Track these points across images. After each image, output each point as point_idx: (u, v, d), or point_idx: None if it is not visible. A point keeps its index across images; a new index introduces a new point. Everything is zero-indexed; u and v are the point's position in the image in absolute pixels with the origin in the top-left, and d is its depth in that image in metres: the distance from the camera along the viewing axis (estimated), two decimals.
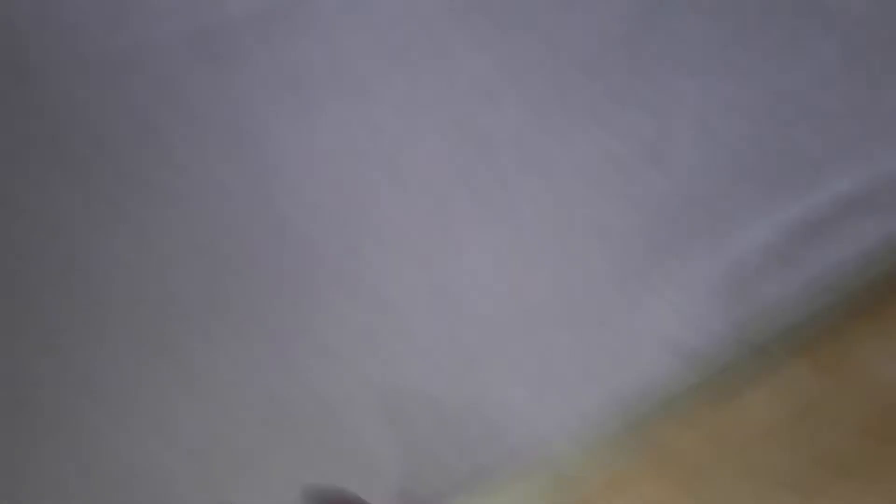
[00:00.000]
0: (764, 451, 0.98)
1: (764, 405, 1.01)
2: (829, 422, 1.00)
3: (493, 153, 1.27)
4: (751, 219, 1.19)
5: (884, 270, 1.14)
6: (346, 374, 1.02)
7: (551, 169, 1.25)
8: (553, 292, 1.12)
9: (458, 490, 0.98)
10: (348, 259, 1.13)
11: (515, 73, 1.37)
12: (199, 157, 1.22)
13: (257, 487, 0.98)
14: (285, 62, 1.35)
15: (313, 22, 1.42)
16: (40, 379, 1.00)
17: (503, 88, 1.35)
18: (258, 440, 1.00)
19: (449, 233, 1.18)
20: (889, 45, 1.40)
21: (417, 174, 1.24)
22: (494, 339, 1.07)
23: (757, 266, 1.14)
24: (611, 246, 1.17)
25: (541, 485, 0.99)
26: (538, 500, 0.98)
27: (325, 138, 1.26)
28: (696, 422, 1.00)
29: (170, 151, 1.23)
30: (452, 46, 1.40)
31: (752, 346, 1.06)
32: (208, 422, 0.99)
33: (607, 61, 1.38)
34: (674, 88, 1.34)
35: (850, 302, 1.11)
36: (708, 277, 1.13)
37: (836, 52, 1.40)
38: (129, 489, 0.96)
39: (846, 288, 1.12)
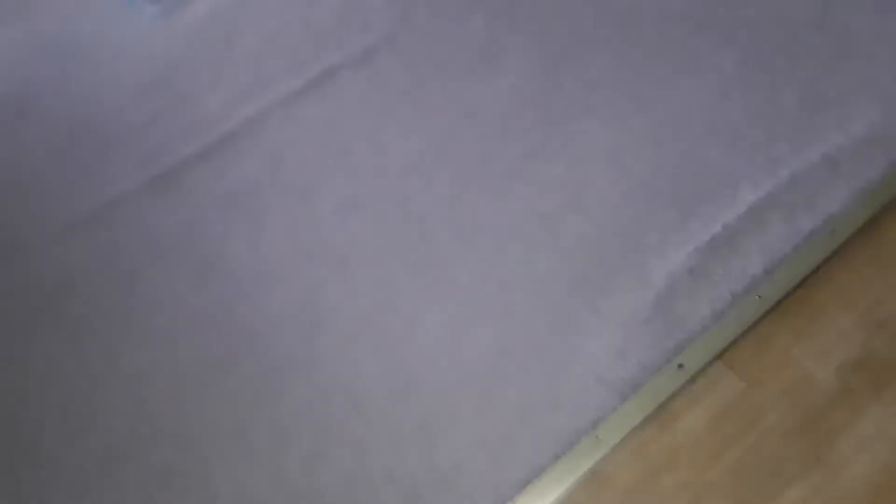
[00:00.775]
0: (701, 468, 1.05)
1: (698, 423, 1.09)
2: (762, 430, 1.07)
3: (429, 229, 1.39)
4: (671, 245, 1.27)
5: (797, 270, 1.20)
6: (319, 467, 1.14)
7: (483, 234, 1.36)
8: (495, 350, 1.22)
9: None
10: (310, 359, 1.26)
11: (441, 149, 1.49)
12: (171, 289, 1.38)
13: None
14: (234, 183, 1.51)
15: (256, 142, 1.57)
16: None
17: (432, 166, 1.47)
18: None
19: (395, 313, 1.29)
20: (785, 47, 1.47)
21: (361, 262, 1.36)
22: (448, 407, 1.18)
23: (678, 289, 1.22)
24: (544, 296, 1.26)
25: None
26: None
27: (276, 245, 1.41)
28: (634, 448, 1.08)
29: (146, 290, 1.39)
30: (384, 136, 1.54)
31: (681, 367, 1.14)
32: None
33: (522, 121, 1.49)
34: (586, 134, 1.44)
35: (769, 307, 1.18)
36: (635, 309, 1.21)
37: (735, 63, 1.47)
38: None
39: (764, 293, 1.19)
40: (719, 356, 1.15)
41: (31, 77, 1.85)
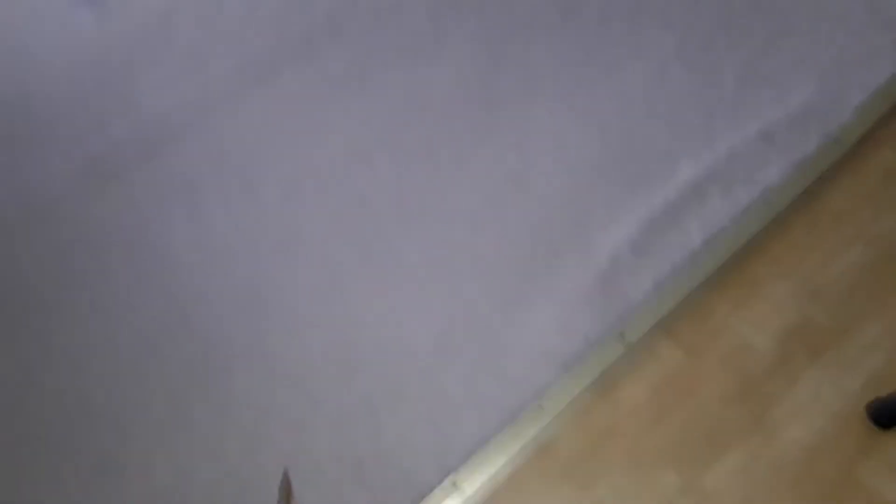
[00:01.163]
0: (642, 435, 1.06)
1: (639, 392, 1.09)
2: (702, 397, 1.08)
3: (375, 214, 1.38)
4: (613, 221, 1.28)
5: (735, 241, 1.21)
6: (261, 449, 1.13)
7: (430, 216, 1.36)
8: (441, 329, 1.21)
9: None
10: (253, 343, 1.24)
11: (386, 136, 1.48)
12: (112, 281, 1.35)
13: None
14: (176, 175, 1.49)
15: (198, 134, 1.55)
16: None
17: (377, 152, 1.46)
18: None
19: (341, 296, 1.28)
20: (723, 28, 1.48)
21: (306, 248, 1.35)
22: (393, 385, 1.17)
23: (620, 264, 1.22)
24: (490, 275, 1.26)
25: None
26: None
27: (219, 235, 1.39)
28: (577, 417, 1.08)
29: (86, 284, 1.36)
30: (327, 124, 1.53)
31: (623, 339, 1.14)
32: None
33: (466, 103, 1.49)
34: (529, 115, 1.44)
35: (706, 278, 1.19)
36: (578, 284, 1.22)
37: (674, 44, 1.49)
38: None
39: (703, 265, 1.20)
40: (660, 327, 1.16)
41: None
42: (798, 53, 1.41)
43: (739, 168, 1.29)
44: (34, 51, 1.77)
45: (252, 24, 1.70)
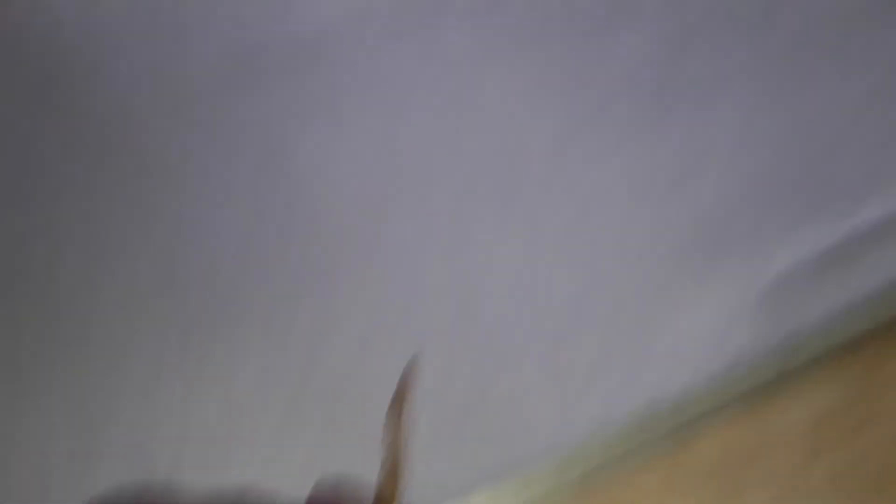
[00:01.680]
0: (794, 467, 0.92)
1: (796, 419, 0.96)
2: (870, 439, 0.94)
3: (523, 173, 1.29)
4: (779, 244, 1.16)
5: None
6: (357, 378, 1.02)
7: (579, 189, 1.26)
8: (573, 308, 1.10)
9: (473, 486, 0.96)
10: (365, 277, 1.16)
11: (554, 89, 1.39)
12: (229, 177, 1.28)
13: (275, 472, 1.00)
14: (321, 88, 1.42)
15: (354, 59, 1.49)
16: (65, 367, 1.04)
17: (537, 112, 1.38)
18: (278, 429, 1.02)
19: (468, 252, 1.19)
20: None
21: (442, 194, 1.26)
22: (514, 343, 1.06)
23: (784, 288, 1.10)
24: (636, 263, 1.15)
25: (555, 485, 0.95)
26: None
27: (354, 161, 1.31)
28: (721, 433, 0.95)
29: (203, 172, 1.29)
30: (489, 71, 1.45)
31: (779, 361, 1.02)
32: (228, 409, 1.01)
33: (644, 82, 1.39)
34: (708, 113, 1.34)
35: (884, 323, 1.06)
36: (738, 295, 1.09)
37: (886, 69, 1.37)
38: (141, 466, 0.98)
39: (879, 309, 1.07)
40: (826, 359, 1.03)
41: None
42: None
43: None
44: None
45: None
